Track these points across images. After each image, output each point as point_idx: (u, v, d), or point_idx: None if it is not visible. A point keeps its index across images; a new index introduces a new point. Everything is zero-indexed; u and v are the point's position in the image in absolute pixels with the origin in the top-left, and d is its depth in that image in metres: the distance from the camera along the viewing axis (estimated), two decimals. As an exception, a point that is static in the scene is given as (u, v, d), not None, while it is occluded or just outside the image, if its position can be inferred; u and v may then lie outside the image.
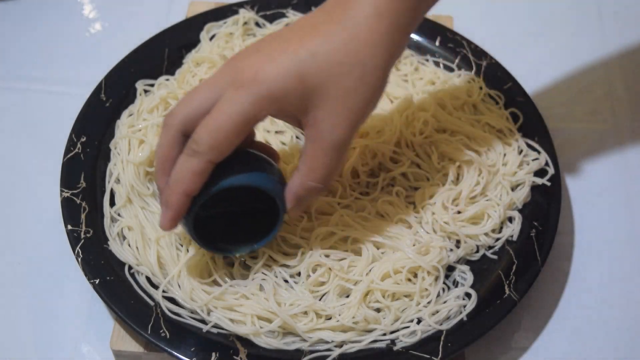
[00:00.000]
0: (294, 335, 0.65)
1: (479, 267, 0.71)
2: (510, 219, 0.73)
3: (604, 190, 0.81)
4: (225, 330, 0.65)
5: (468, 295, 0.68)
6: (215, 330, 0.65)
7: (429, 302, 0.67)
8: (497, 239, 0.72)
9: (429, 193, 0.73)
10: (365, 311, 0.65)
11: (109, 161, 0.75)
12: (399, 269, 0.68)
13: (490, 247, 0.72)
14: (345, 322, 0.65)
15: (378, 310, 0.67)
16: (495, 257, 0.71)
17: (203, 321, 0.66)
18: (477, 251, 0.72)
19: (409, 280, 0.68)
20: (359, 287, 0.67)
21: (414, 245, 0.69)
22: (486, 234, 0.72)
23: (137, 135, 0.75)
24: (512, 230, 0.72)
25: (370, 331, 0.66)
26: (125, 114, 0.78)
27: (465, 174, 0.75)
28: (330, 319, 0.66)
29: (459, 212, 0.72)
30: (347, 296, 0.68)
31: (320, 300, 0.67)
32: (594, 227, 0.79)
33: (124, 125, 0.77)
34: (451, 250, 0.70)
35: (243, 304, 0.66)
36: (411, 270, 0.68)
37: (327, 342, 0.65)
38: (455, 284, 0.70)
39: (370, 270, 0.68)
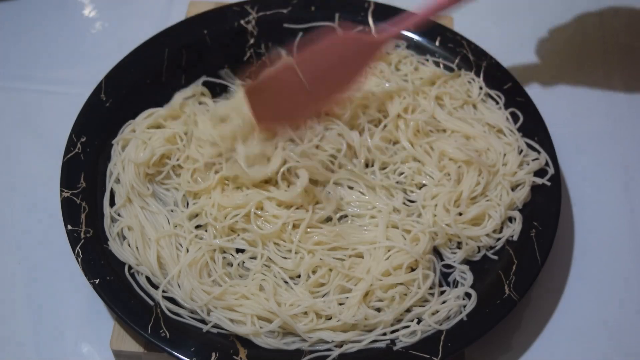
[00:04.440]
0: (294, 335, 0.65)
1: (479, 267, 0.71)
2: (510, 219, 0.73)
3: (604, 190, 0.81)
4: (225, 330, 0.65)
5: (468, 295, 0.68)
6: (215, 330, 0.65)
7: (431, 294, 0.67)
8: (498, 239, 0.72)
9: (431, 194, 0.73)
10: (365, 310, 0.65)
11: (109, 161, 0.75)
12: (397, 266, 0.68)
13: (490, 247, 0.72)
14: (347, 320, 0.65)
15: (378, 309, 0.67)
16: (495, 257, 0.71)
17: (203, 321, 0.66)
18: (479, 252, 0.72)
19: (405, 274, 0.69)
20: (359, 286, 0.67)
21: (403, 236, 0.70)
22: (487, 235, 0.72)
23: (142, 135, 0.75)
24: (513, 230, 0.72)
25: (370, 330, 0.66)
26: (144, 114, 0.79)
27: (465, 174, 0.75)
28: (330, 318, 0.66)
29: (459, 214, 0.72)
30: (348, 297, 0.68)
31: (321, 298, 0.67)
32: (594, 227, 0.79)
33: (139, 124, 0.77)
34: (454, 253, 0.71)
35: (243, 304, 0.66)
36: (409, 266, 0.68)
37: (327, 342, 0.65)
38: (455, 284, 0.70)
39: (369, 269, 0.68)
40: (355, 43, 0.72)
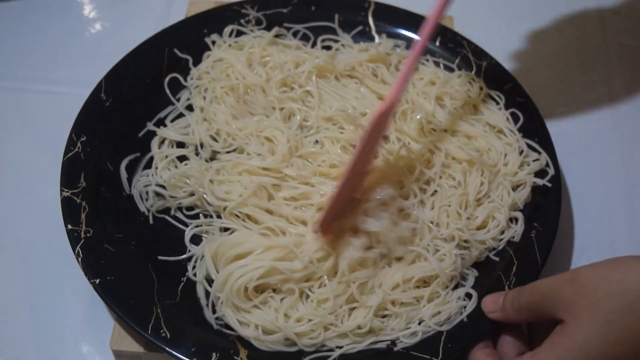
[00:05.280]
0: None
1: (480, 267, 0.71)
2: (512, 220, 0.73)
3: (604, 191, 0.81)
4: (229, 331, 0.65)
5: (468, 295, 0.68)
6: (215, 327, 0.65)
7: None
8: (500, 240, 0.72)
9: (442, 196, 0.73)
10: (373, 322, 0.65)
11: (108, 161, 0.75)
12: (408, 279, 0.68)
13: (493, 249, 0.72)
14: (349, 330, 0.65)
15: (384, 316, 0.67)
16: (496, 258, 0.71)
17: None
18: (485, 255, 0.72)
19: (417, 287, 0.68)
20: (371, 299, 0.66)
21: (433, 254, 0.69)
22: (493, 238, 0.72)
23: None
24: (515, 231, 0.72)
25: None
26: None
27: (468, 174, 0.75)
28: (336, 325, 0.66)
29: (467, 219, 0.72)
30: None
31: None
32: (594, 227, 0.79)
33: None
34: (463, 258, 0.71)
35: (252, 311, 0.66)
36: (420, 279, 0.68)
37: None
38: (456, 284, 0.70)
39: (381, 284, 0.68)
40: (373, 128, 0.66)
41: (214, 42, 0.85)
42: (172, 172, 0.74)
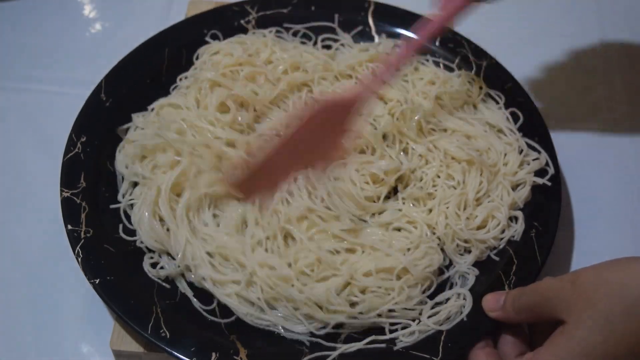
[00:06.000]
0: (294, 322, 0.66)
1: (480, 267, 0.71)
2: (511, 219, 0.73)
3: (604, 191, 0.81)
4: (221, 319, 0.66)
5: (468, 295, 0.68)
6: (215, 321, 0.66)
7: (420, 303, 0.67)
8: (501, 239, 0.72)
9: (440, 197, 0.73)
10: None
11: (108, 160, 0.75)
12: (381, 269, 0.68)
13: (494, 248, 0.72)
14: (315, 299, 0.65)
15: (354, 304, 0.66)
16: (497, 258, 0.71)
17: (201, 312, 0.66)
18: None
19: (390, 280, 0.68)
20: (338, 277, 0.67)
21: (408, 249, 0.69)
22: (494, 237, 0.72)
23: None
24: (515, 230, 0.72)
25: (368, 331, 0.66)
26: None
27: (467, 174, 0.75)
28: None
29: (467, 219, 0.72)
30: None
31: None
32: (593, 227, 0.79)
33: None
34: (461, 254, 0.71)
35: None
36: (390, 270, 0.68)
37: (324, 341, 0.65)
38: (456, 284, 0.70)
39: (353, 264, 0.68)
40: (330, 108, 0.68)
41: (214, 37, 0.85)
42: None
